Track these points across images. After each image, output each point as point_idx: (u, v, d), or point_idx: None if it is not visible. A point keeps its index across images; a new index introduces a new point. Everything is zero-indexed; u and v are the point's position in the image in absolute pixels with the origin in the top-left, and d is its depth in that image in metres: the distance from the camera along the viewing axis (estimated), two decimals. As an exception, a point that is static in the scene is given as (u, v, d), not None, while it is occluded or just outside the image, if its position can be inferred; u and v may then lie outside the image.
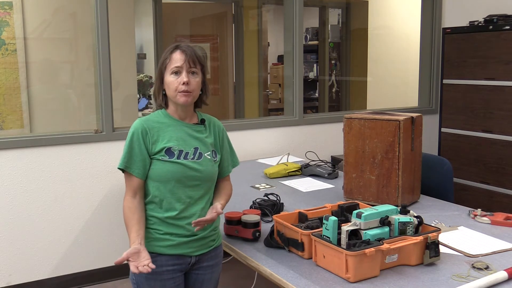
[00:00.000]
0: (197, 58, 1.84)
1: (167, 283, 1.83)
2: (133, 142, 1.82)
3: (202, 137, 1.89)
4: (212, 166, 1.88)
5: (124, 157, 1.82)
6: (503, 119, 3.64)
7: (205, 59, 1.87)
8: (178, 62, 1.81)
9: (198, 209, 1.85)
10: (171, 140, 1.84)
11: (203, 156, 1.86)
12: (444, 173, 2.74)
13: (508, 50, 3.57)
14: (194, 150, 1.85)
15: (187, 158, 1.83)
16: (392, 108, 4.29)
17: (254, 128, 3.77)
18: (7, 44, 4.02)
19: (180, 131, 1.87)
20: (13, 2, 4.00)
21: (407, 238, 1.74)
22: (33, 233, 3.15)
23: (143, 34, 6.86)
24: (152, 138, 1.83)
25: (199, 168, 1.84)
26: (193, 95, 1.84)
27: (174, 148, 1.83)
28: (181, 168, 1.81)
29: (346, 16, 6.31)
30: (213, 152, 1.91)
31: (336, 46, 6.38)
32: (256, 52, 5.75)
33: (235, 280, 3.38)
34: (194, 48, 1.88)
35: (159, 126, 1.86)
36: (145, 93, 6.55)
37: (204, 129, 1.92)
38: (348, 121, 2.44)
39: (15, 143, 3.05)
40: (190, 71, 1.82)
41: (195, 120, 1.92)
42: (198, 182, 1.84)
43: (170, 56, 1.83)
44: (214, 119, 1.99)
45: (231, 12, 5.69)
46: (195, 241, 1.85)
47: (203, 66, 1.89)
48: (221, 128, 1.98)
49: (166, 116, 1.89)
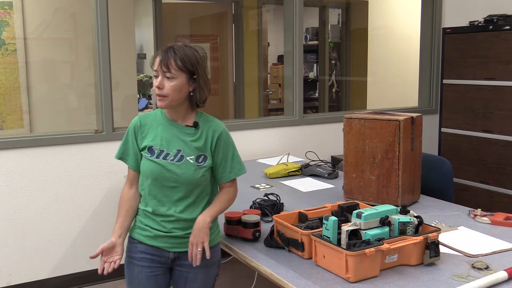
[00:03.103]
0: (180, 60, 1.79)
1: (144, 270, 1.91)
2: (128, 135, 1.93)
3: (188, 140, 1.87)
4: (194, 170, 1.85)
5: (120, 148, 1.95)
6: (503, 119, 3.64)
7: (199, 59, 1.87)
8: (155, 66, 1.82)
9: (177, 211, 1.86)
10: (156, 139, 1.88)
11: (184, 159, 1.85)
12: (444, 173, 2.74)
13: (508, 50, 3.57)
14: (176, 152, 1.85)
15: (167, 158, 1.84)
16: (392, 108, 4.29)
17: (254, 128, 3.77)
18: (7, 44, 4.03)
19: (167, 132, 1.88)
20: (13, 2, 4.00)
21: (407, 238, 1.74)
22: (33, 233, 3.15)
23: (143, 34, 6.86)
24: (142, 134, 1.90)
25: (177, 170, 1.83)
26: (169, 99, 1.81)
27: (155, 147, 1.87)
28: (158, 168, 1.84)
29: (346, 16, 6.31)
30: (200, 156, 1.87)
31: (336, 46, 6.38)
32: (256, 52, 5.75)
33: (235, 280, 3.38)
34: (185, 49, 1.83)
35: (152, 124, 1.91)
36: (145, 93, 6.55)
37: (195, 132, 1.89)
38: (348, 121, 2.44)
39: (15, 143, 3.05)
40: (164, 75, 1.80)
41: (189, 122, 1.90)
42: (175, 184, 1.84)
43: (154, 60, 1.85)
44: (215, 123, 1.94)
45: (231, 12, 5.69)
46: (171, 237, 1.88)
47: (188, 69, 1.82)
48: (219, 134, 1.91)
49: (161, 115, 1.92)
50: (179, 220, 1.86)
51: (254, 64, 5.76)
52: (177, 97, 1.82)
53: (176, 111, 1.88)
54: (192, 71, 1.83)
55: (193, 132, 1.89)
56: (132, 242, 1.94)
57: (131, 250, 1.94)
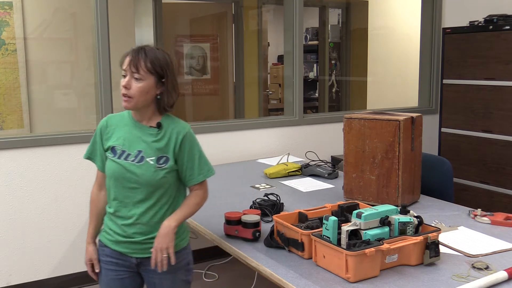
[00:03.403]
0: (150, 62, 1.77)
1: (109, 273, 1.92)
2: (96, 136, 1.93)
3: (150, 141, 1.84)
4: (154, 171, 1.81)
5: (89, 148, 1.96)
6: (503, 119, 3.64)
7: (170, 63, 1.84)
8: (124, 65, 1.80)
9: (137, 213, 1.84)
10: (119, 139, 1.87)
11: (144, 160, 1.82)
12: (444, 173, 2.74)
13: (508, 50, 3.57)
14: (137, 153, 1.83)
15: (127, 159, 1.83)
16: (392, 108, 4.29)
17: (254, 128, 3.77)
18: (7, 44, 4.03)
19: (130, 133, 1.86)
20: (13, 2, 4.00)
21: (407, 238, 1.74)
22: (33, 233, 3.15)
23: (143, 34, 6.85)
24: (107, 134, 1.90)
25: (137, 171, 1.81)
26: (134, 101, 1.78)
27: (118, 148, 1.86)
28: (119, 168, 1.83)
29: (346, 16, 6.31)
30: (161, 157, 1.83)
31: (336, 46, 6.38)
32: (256, 52, 5.75)
33: (235, 280, 3.38)
34: (156, 51, 1.81)
35: (117, 124, 1.90)
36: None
37: (158, 133, 1.85)
38: (348, 121, 2.44)
39: (15, 143, 3.05)
40: (133, 75, 1.77)
41: (154, 124, 1.86)
42: (136, 185, 1.82)
43: (123, 59, 1.82)
44: (180, 125, 1.88)
45: (231, 12, 5.69)
46: (131, 243, 1.86)
47: (157, 72, 1.79)
48: (183, 135, 1.85)
49: (128, 116, 1.91)
50: (140, 223, 1.83)
51: (254, 64, 5.76)
52: (143, 99, 1.79)
53: (142, 113, 1.85)
54: (161, 74, 1.81)
55: (156, 132, 1.85)
56: (100, 245, 1.96)
57: (99, 253, 1.95)
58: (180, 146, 1.85)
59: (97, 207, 1.98)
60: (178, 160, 1.86)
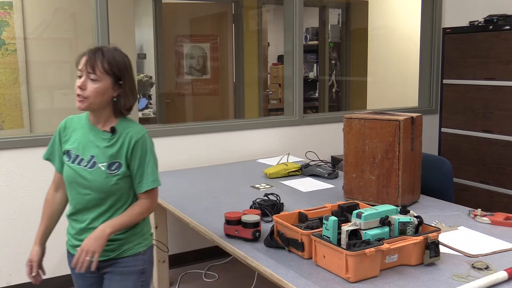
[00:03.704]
0: (107, 63, 1.73)
1: (79, 282, 1.94)
2: (55, 137, 1.90)
3: (102, 146, 1.79)
4: (105, 177, 1.77)
5: (48, 149, 1.92)
6: (503, 119, 3.64)
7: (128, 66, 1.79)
8: (80, 65, 1.75)
9: (89, 218, 1.82)
10: (75, 143, 1.84)
11: (96, 166, 1.78)
12: (444, 173, 2.74)
13: (508, 50, 3.57)
14: (90, 158, 1.79)
15: (80, 164, 1.80)
16: (392, 108, 4.29)
17: (254, 128, 3.77)
18: (7, 44, 4.03)
19: (85, 136, 1.83)
20: (13, 2, 4.00)
21: (407, 238, 1.74)
22: (33, 233, 3.15)
23: (143, 34, 6.86)
24: (65, 137, 1.87)
25: (88, 177, 1.78)
26: (89, 102, 1.74)
27: (72, 152, 1.83)
28: (72, 173, 1.80)
29: (346, 16, 6.31)
30: (113, 163, 1.78)
31: (336, 46, 6.38)
32: (256, 52, 5.75)
33: (235, 280, 3.38)
34: (115, 53, 1.77)
35: (75, 127, 1.87)
36: (145, 93, 6.56)
37: (111, 138, 1.80)
38: (348, 121, 2.44)
39: (15, 143, 3.05)
40: (89, 76, 1.73)
41: (108, 127, 1.82)
42: (88, 190, 1.79)
43: (80, 59, 1.77)
44: (134, 130, 1.82)
45: (231, 12, 5.69)
46: None
47: (114, 73, 1.75)
48: (136, 140, 1.79)
49: (86, 118, 1.86)
50: (93, 228, 1.80)
51: (254, 64, 5.76)
52: (99, 100, 1.75)
53: (97, 116, 1.81)
54: (118, 76, 1.77)
55: (109, 137, 1.80)
56: (67, 256, 1.94)
57: (69, 265, 1.92)
58: (132, 151, 1.79)
59: (51, 208, 1.95)
60: (129, 166, 1.81)
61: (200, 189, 2.81)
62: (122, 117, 1.85)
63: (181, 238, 3.60)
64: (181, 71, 5.61)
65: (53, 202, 1.95)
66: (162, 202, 2.62)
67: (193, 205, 2.51)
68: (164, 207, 2.62)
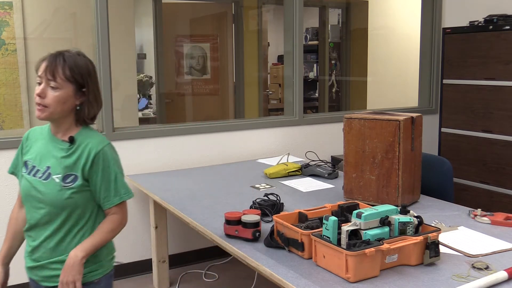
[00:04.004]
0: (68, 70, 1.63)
1: None
2: (18, 149, 1.80)
3: (59, 156, 1.67)
4: (58, 190, 1.64)
5: (13, 162, 1.82)
6: (503, 119, 3.64)
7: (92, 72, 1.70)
8: (39, 72, 1.65)
9: (43, 236, 1.68)
10: (33, 153, 1.73)
11: (50, 177, 1.66)
12: (444, 173, 2.74)
13: (508, 50, 3.57)
14: (45, 169, 1.67)
15: (36, 175, 1.68)
16: (392, 108, 4.29)
17: (254, 128, 3.77)
18: (7, 44, 4.03)
19: (44, 147, 1.71)
20: (13, 2, 4.00)
21: (407, 238, 1.74)
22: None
23: (143, 34, 6.86)
24: (26, 148, 1.77)
25: (42, 189, 1.65)
26: (49, 111, 1.62)
27: (29, 162, 1.72)
28: (28, 185, 1.69)
29: (346, 16, 6.31)
30: (69, 175, 1.65)
31: (336, 46, 6.38)
32: (256, 52, 5.75)
33: (235, 280, 3.38)
34: (77, 58, 1.66)
35: (37, 138, 1.76)
36: (145, 93, 6.56)
37: (69, 148, 1.68)
38: (348, 121, 2.44)
39: (15, 143, 3.05)
40: (49, 83, 1.62)
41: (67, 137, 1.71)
42: (41, 204, 1.66)
43: (39, 64, 1.67)
44: (95, 141, 1.69)
45: (231, 12, 5.69)
46: (37, 268, 1.72)
47: (76, 80, 1.65)
48: (95, 152, 1.67)
49: (48, 128, 1.75)
50: (44, 248, 1.68)
51: (254, 64, 5.77)
52: (60, 109, 1.64)
53: (58, 125, 1.69)
54: (81, 83, 1.66)
55: (67, 147, 1.68)
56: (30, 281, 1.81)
57: None
58: (91, 164, 1.66)
59: (15, 226, 1.81)
60: (90, 180, 1.68)
61: (200, 189, 2.81)
62: (85, 126, 1.74)
63: (181, 238, 3.60)
64: (181, 71, 5.61)
65: (17, 220, 1.81)
66: (162, 202, 2.62)
67: (193, 205, 2.51)
68: (164, 207, 2.62)
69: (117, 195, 1.70)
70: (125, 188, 1.73)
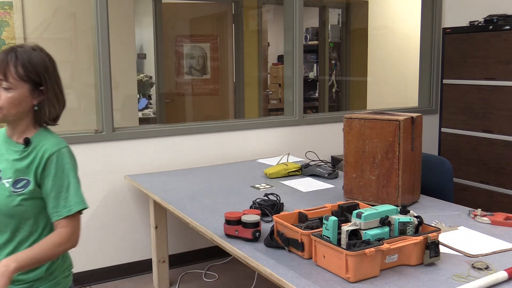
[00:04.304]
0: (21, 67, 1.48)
1: None
2: None
3: (12, 159, 1.54)
4: (8, 196, 1.50)
5: None
6: (503, 119, 3.64)
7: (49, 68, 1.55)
8: None
9: (4, 255, 1.54)
10: None
11: (0, 182, 1.52)
12: (444, 173, 2.74)
13: (508, 50, 3.57)
14: None
15: None
16: (392, 108, 4.29)
17: (254, 128, 3.77)
18: (7, 44, 4.02)
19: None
20: (13, 2, 4.00)
21: (407, 238, 1.74)
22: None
23: (143, 34, 6.87)
24: None
25: None
26: (3, 113, 1.49)
27: None
28: None
29: (346, 16, 6.31)
30: (20, 180, 1.51)
31: (336, 46, 6.39)
32: (256, 52, 5.76)
33: (235, 280, 3.38)
34: (32, 53, 1.51)
35: None
36: (145, 93, 6.56)
37: (24, 150, 1.54)
38: (348, 121, 2.44)
39: None
40: (0, 84, 1.48)
41: None
42: None
43: None
44: (50, 143, 1.55)
45: (231, 12, 5.69)
46: None
47: (31, 79, 1.50)
48: (49, 155, 1.52)
49: (4, 130, 1.62)
50: None
51: (254, 64, 5.77)
52: (14, 111, 1.50)
53: (14, 127, 1.55)
54: (37, 82, 1.51)
55: (21, 150, 1.54)
56: None
57: None
58: (44, 168, 1.51)
59: None
60: (42, 186, 1.52)
61: (200, 189, 2.81)
62: (44, 128, 1.60)
63: (181, 238, 3.60)
64: (181, 71, 5.61)
65: None
66: (162, 202, 2.62)
67: (193, 205, 2.51)
68: (164, 207, 2.62)
69: (67, 207, 1.52)
70: (77, 198, 1.54)
